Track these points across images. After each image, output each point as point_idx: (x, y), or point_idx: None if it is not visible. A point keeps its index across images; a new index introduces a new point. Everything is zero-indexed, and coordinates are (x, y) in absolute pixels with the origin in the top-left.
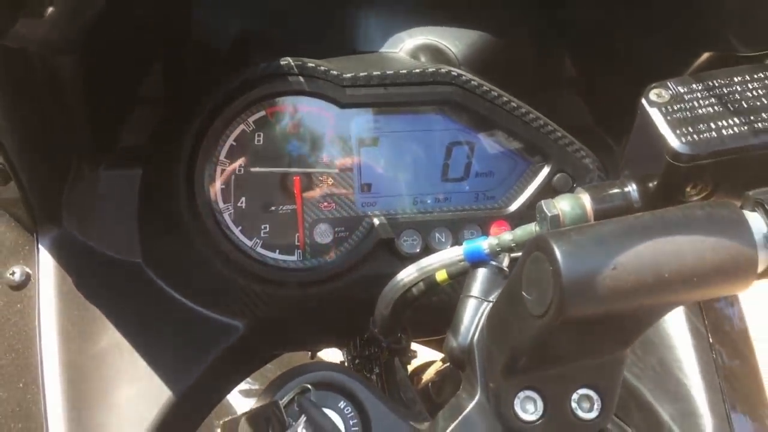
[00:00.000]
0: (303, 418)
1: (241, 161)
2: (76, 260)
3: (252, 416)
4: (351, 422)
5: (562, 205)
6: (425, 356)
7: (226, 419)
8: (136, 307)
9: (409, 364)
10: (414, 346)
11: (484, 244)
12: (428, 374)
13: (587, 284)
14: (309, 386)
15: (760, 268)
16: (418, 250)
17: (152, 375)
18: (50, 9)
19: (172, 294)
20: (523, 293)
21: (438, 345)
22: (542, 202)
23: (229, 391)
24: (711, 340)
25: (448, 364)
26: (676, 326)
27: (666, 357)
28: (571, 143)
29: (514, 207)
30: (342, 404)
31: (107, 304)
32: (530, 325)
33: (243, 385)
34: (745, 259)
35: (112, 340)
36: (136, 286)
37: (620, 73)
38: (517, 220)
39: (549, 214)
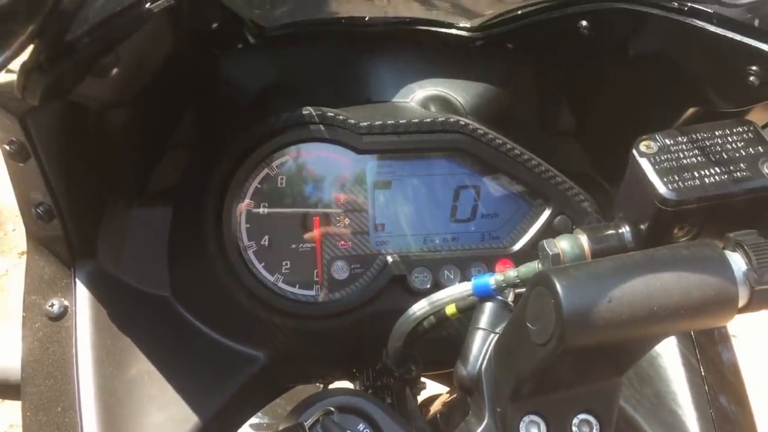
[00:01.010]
0: None
1: (265, 202)
2: (109, 293)
3: None
4: None
5: (562, 245)
6: (433, 389)
7: None
8: (165, 337)
9: (419, 395)
10: (423, 379)
11: (491, 279)
12: (436, 405)
13: (586, 315)
14: (332, 409)
15: (741, 303)
16: (428, 286)
17: (180, 401)
18: (115, 70)
19: (198, 326)
20: (528, 324)
21: (444, 379)
22: (544, 241)
23: (248, 419)
24: (703, 374)
25: (455, 395)
26: (670, 361)
27: (661, 389)
28: (571, 188)
29: (517, 246)
30: (361, 426)
31: (138, 334)
32: (534, 353)
33: (254, 420)
34: (726, 295)
35: (142, 368)
36: (165, 318)
37: (613, 124)
38: (520, 258)
39: (550, 253)
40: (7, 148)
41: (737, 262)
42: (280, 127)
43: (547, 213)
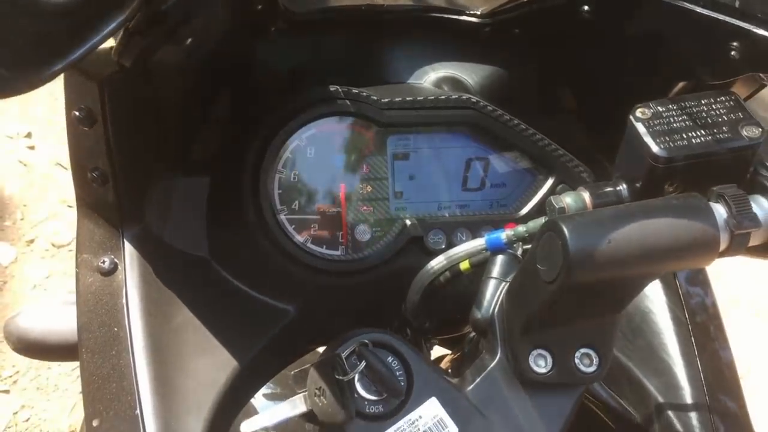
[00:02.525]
0: (363, 364)
1: (295, 171)
2: (154, 253)
3: (319, 365)
4: (397, 373)
5: (567, 200)
6: (439, 352)
7: (296, 370)
8: (204, 293)
9: (432, 350)
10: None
11: (503, 235)
12: (444, 363)
13: (588, 254)
14: (367, 341)
15: (722, 247)
16: (443, 246)
17: (220, 349)
18: (189, 40)
19: (235, 283)
20: (538, 266)
21: (450, 344)
22: (551, 197)
23: (275, 374)
24: (690, 327)
25: (458, 354)
26: (660, 316)
27: (652, 341)
28: (571, 160)
29: (523, 212)
30: (390, 359)
31: (180, 289)
32: (543, 291)
33: (265, 389)
34: (710, 238)
35: (185, 319)
36: (204, 276)
37: (611, 101)
38: (526, 221)
39: (557, 206)
40: (77, 113)
41: (719, 210)
42: (310, 103)
43: (549, 182)
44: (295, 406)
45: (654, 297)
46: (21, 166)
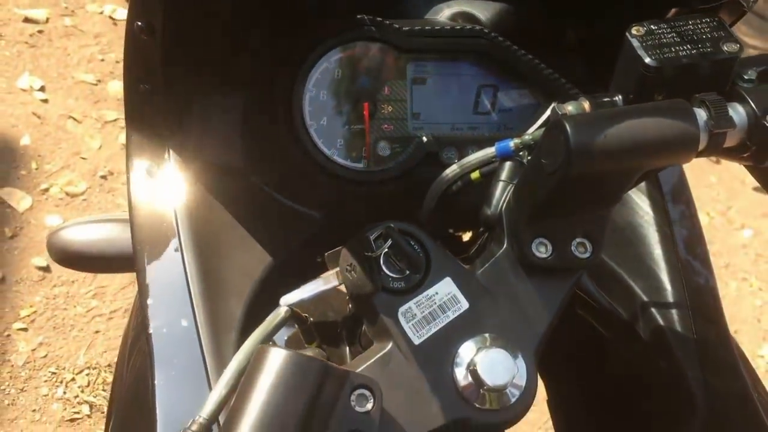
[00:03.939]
0: (389, 242)
1: (324, 90)
2: (195, 162)
3: (350, 245)
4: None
5: (569, 108)
6: None
7: (329, 252)
8: (241, 199)
9: None
10: None
11: (511, 142)
12: None
13: (586, 147)
14: (393, 226)
15: (701, 146)
16: (455, 161)
17: (256, 246)
18: None
19: (267, 191)
20: (542, 159)
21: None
22: (554, 104)
23: (306, 273)
24: (675, 239)
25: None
26: (648, 229)
27: (640, 250)
28: (572, 87)
29: (529, 132)
30: (413, 242)
31: (218, 194)
32: (545, 183)
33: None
34: (691, 136)
35: (224, 220)
36: (241, 185)
37: (611, 35)
38: None
39: (560, 112)
40: (139, 23)
41: (700, 114)
42: (339, 29)
43: (553, 105)
44: (329, 281)
45: (642, 213)
46: (35, 118)
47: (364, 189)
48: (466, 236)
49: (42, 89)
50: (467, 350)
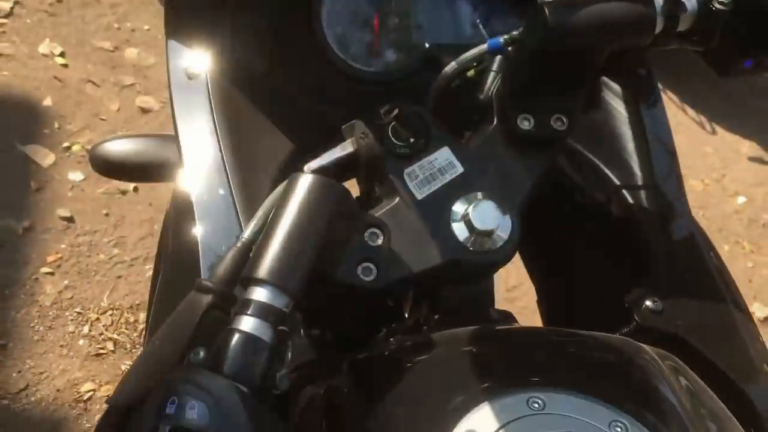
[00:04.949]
0: (396, 111)
1: (340, 3)
2: (229, 67)
3: (363, 117)
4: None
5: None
6: None
7: (345, 125)
8: (267, 97)
9: None
10: None
11: (501, 39)
12: None
13: (561, 25)
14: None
15: (658, 28)
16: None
17: (280, 135)
18: None
19: (291, 92)
20: (524, 40)
21: None
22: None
23: None
24: (646, 136)
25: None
26: (623, 129)
27: (614, 145)
28: None
29: None
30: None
31: (247, 92)
32: (528, 61)
33: None
34: (649, 18)
35: (253, 113)
36: (266, 85)
37: None
38: None
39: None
40: None
41: (658, 1)
42: None
43: None
44: (345, 148)
45: (618, 115)
46: (56, 82)
47: (372, 88)
48: None
49: (62, 55)
50: (461, 204)
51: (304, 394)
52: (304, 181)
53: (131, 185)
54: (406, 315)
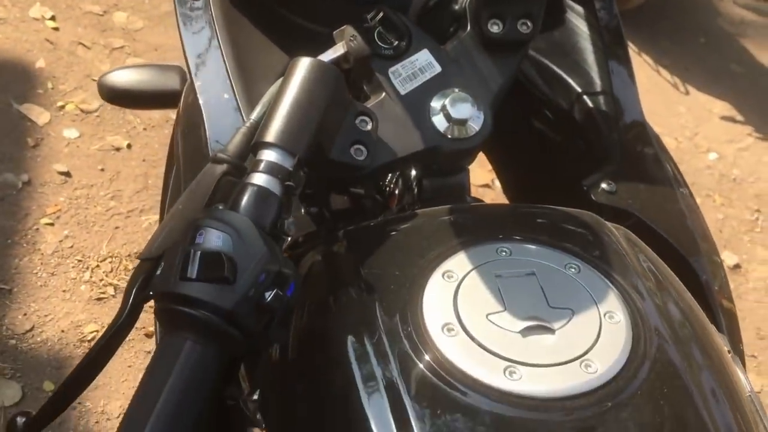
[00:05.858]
0: (381, 15)
1: None
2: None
3: (352, 24)
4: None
5: None
6: None
7: (336, 30)
8: (263, 18)
9: None
10: None
11: None
12: None
13: None
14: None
15: None
16: None
17: (277, 49)
18: None
19: (283, 12)
20: None
21: None
22: None
23: None
24: (604, 49)
25: None
26: (584, 44)
27: (576, 58)
28: None
29: None
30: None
31: (245, 15)
32: None
33: None
34: None
35: (252, 31)
36: (261, 6)
37: None
38: None
39: None
40: None
41: None
42: None
43: None
44: (337, 50)
45: (580, 32)
46: (48, 44)
47: (355, 9)
48: None
49: (53, 18)
50: (440, 99)
51: (307, 258)
52: (305, 63)
53: (125, 142)
54: (393, 209)
